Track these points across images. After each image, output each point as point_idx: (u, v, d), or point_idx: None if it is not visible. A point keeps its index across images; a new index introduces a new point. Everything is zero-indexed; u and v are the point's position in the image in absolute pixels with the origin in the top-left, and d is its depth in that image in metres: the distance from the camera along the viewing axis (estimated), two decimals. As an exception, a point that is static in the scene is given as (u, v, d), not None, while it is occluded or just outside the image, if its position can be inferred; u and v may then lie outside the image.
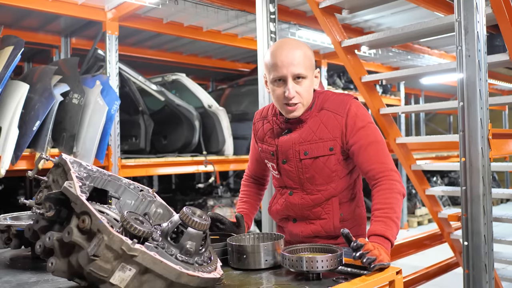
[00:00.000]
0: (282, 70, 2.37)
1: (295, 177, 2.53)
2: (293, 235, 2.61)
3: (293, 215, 2.61)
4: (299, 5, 6.68)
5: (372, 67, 10.34)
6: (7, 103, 5.12)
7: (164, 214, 2.21)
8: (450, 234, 4.79)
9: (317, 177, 2.47)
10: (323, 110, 2.46)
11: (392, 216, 2.21)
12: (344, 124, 2.40)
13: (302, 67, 2.37)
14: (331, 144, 2.42)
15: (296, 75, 2.37)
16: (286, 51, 2.39)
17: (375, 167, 2.35)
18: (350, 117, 2.40)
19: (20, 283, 1.89)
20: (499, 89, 12.93)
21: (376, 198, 2.30)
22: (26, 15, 6.70)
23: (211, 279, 1.68)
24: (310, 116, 2.48)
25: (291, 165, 2.51)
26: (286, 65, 2.36)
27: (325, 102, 2.49)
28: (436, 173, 13.98)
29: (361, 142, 2.38)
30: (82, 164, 2.11)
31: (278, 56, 2.39)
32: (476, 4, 3.04)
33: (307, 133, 2.46)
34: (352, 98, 2.49)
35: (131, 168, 6.48)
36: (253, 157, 2.87)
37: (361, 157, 2.38)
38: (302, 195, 2.54)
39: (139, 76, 6.99)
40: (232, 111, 8.25)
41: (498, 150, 3.26)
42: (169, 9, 6.35)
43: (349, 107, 2.43)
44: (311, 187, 2.50)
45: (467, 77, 3.08)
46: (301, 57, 2.38)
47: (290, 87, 2.37)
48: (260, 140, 2.69)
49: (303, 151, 2.45)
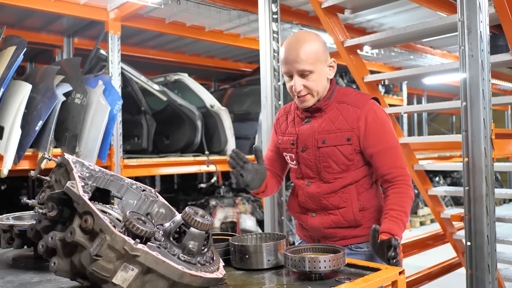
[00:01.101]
0: (287, 67, 2.49)
1: (313, 166, 2.58)
2: (314, 229, 2.62)
3: (311, 207, 2.62)
4: (302, 5, 6.68)
5: (374, 67, 10.33)
6: (9, 103, 5.12)
7: (166, 214, 2.21)
8: (453, 234, 4.78)
9: (334, 166, 2.52)
10: (343, 104, 2.54)
11: (404, 220, 2.36)
12: (364, 119, 2.47)
13: (306, 63, 2.43)
14: (348, 134, 2.48)
15: (300, 71, 2.45)
16: (293, 48, 2.47)
17: (393, 171, 2.46)
18: (370, 116, 2.48)
19: (22, 283, 1.89)
20: (502, 89, 12.92)
21: (391, 198, 2.43)
22: (28, 15, 6.71)
23: (213, 279, 1.68)
24: (330, 107, 2.56)
25: (309, 153, 2.57)
26: (291, 62, 2.46)
27: (346, 96, 2.57)
28: (438, 173, 13.97)
29: (381, 146, 2.47)
30: (85, 164, 2.11)
31: (286, 51, 2.49)
32: (479, 3, 3.04)
33: (326, 123, 2.53)
34: (372, 98, 2.57)
35: (134, 168, 6.48)
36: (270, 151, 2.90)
37: (379, 161, 2.49)
38: (319, 184, 2.58)
39: (142, 76, 6.99)
40: (234, 111, 8.25)
41: (501, 150, 3.25)
42: (171, 9, 6.36)
43: (370, 105, 2.51)
44: (328, 175, 2.55)
45: (470, 77, 3.07)
46: (306, 53, 2.44)
47: (296, 82, 2.47)
48: (282, 133, 2.75)
49: (321, 140, 2.52)
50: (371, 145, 2.47)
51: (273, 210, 4.48)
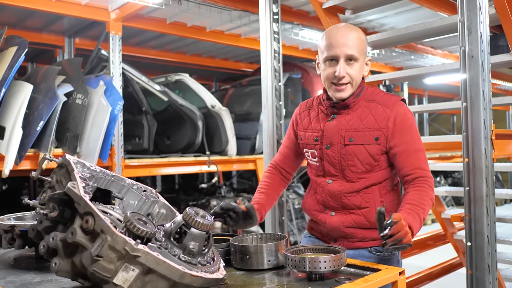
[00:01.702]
0: (335, 50, 2.41)
1: (336, 163, 2.51)
2: (334, 229, 2.54)
3: (331, 205, 2.55)
4: (302, 5, 6.68)
5: (375, 67, 10.33)
6: (11, 103, 5.13)
7: (167, 214, 2.22)
8: (454, 235, 4.79)
9: (359, 165, 2.47)
10: (373, 103, 2.49)
11: (420, 214, 2.23)
12: (393, 119, 2.42)
13: (355, 49, 2.41)
14: (377, 134, 2.43)
15: (348, 56, 2.41)
16: (342, 31, 2.44)
17: (417, 171, 2.38)
18: (400, 116, 2.44)
19: (24, 283, 1.90)
20: (503, 89, 12.91)
21: (410, 194, 2.33)
22: (29, 15, 6.72)
23: (214, 280, 1.68)
24: (358, 105, 2.50)
25: (334, 150, 2.50)
26: (341, 45, 2.40)
27: (375, 95, 2.52)
28: (439, 173, 13.97)
29: (407, 147, 2.41)
30: (86, 165, 2.12)
31: (333, 35, 2.44)
32: (480, 4, 3.04)
33: (354, 121, 2.48)
34: (401, 99, 2.52)
35: (135, 168, 6.49)
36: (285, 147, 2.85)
37: (404, 161, 2.42)
38: (341, 183, 2.51)
39: (143, 76, 6.99)
40: (235, 111, 8.26)
41: (502, 151, 3.26)
42: (172, 9, 6.37)
43: (399, 105, 2.47)
44: (351, 174, 2.49)
45: (470, 78, 3.07)
46: (355, 40, 2.42)
47: (341, 66, 2.40)
48: (304, 129, 2.67)
49: (348, 138, 2.46)
50: (397, 145, 2.42)
51: (274, 210, 4.48)
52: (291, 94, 8.51)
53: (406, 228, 2.00)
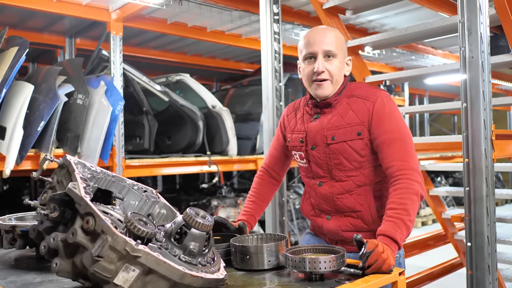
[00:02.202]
0: (313, 47, 2.45)
1: (323, 164, 2.50)
2: (332, 233, 2.54)
3: (325, 209, 2.54)
4: (303, 5, 6.68)
5: (376, 68, 10.33)
6: (12, 103, 5.13)
7: (167, 214, 2.22)
8: (454, 235, 4.79)
9: (345, 163, 2.44)
10: (353, 97, 2.48)
11: (405, 218, 2.17)
12: (372, 110, 2.39)
13: (333, 45, 2.44)
14: (359, 128, 2.40)
15: (326, 51, 2.44)
16: (319, 30, 2.52)
17: (396, 164, 2.30)
18: (377, 105, 2.39)
19: (24, 283, 1.90)
20: (504, 89, 12.90)
21: (391, 197, 2.25)
22: (30, 15, 6.72)
23: (214, 280, 1.69)
24: (339, 102, 2.49)
25: (319, 151, 2.49)
26: (318, 42, 2.45)
27: (356, 90, 2.51)
28: (440, 174, 13.97)
29: (385, 136, 2.35)
30: (86, 165, 2.12)
31: (311, 35, 2.50)
32: (480, 5, 3.04)
33: (335, 119, 2.46)
34: (383, 90, 2.50)
35: (135, 169, 6.49)
36: (273, 150, 2.87)
37: (384, 152, 2.35)
38: (331, 183, 2.50)
39: (143, 77, 7.00)
40: (236, 112, 8.26)
41: (502, 151, 3.26)
42: (173, 9, 6.37)
43: (379, 95, 2.43)
44: (339, 173, 2.46)
45: (470, 78, 3.07)
46: (333, 37, 2.46)
47: (319, 62, 2.43)
48: (291, 131, 2.67)
49: (331, 136, 2.44)
50: (376, 135, 2.37)
51: (275, 210, 4.49)
52: (291, 94, 8.51)
53: (383, 255, 1.95)
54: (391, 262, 1.98)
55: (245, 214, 2.73)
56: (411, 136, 2.41)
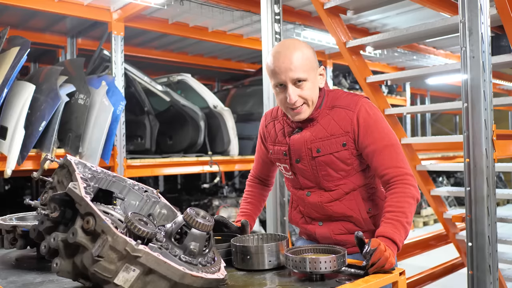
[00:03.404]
0: (280, 77, 2.33)
1: (310, 176, 2.47)
2: (325, 238, 2.52)
3: (316, 216, 2.53)
4: (304, 5, 6.68)
5: (377, 67, 10.32)
6: (13, 103, 5.14)
7: (168, 215, 2.22)
8: (456, 235, 4.78)
9: (333, 173, 2.41)
10: (334, 108, 2.41)
11: (403, 220, 2.20)
12: (356, 120, 2.35)
13: (300, 70, 2.31)
14: (343, 139, 2.36)
15: (295, 79, 2.32)
16: (283, 56, 2.33)
17: (390, 171, 2.32)
18: (362, 115, 2.35)
19: (25, 283, 1.90)
20: (505, 89, 12.89)
21: (388, 200, 2.28)
22: (32, 15, 6.72)
23: (214, 280, 1.69)
24: (321, 115, 2.43)
25: (304, 163, 2.45)
26: (284, 71, 2.31)
27: (336, 100, 2.44)
28: (442, 174, 13.95)
29: (375, 145, 2.34)
30: (87, 165, 2.12)
31: (275, 62, 2.34)
32: (481, 5, 3.04)
33: (318, 131, 2.41)
34: (363, 97, 2.44)
35: (137, 169, 6.49)
36: (259, 158, 2.84)
37: (375, 161, 2.35)
38: (320, 193, 2.47)
39: (145, 77, 7.00)
40: (237, 111, 8.26)
41: (503, 151, 3.26)
42: (174, 9, 6.37)
43: (361, 104, 2.38)
44: (328, 184, 2.44)
45: (471, 78, 3.08)
46: (298, 61, 2.31)
47: (290, 92, 2.32)
48: (272, 142, 2.62)
49: (315, 149, 2.40)
50: (365, 145, 2.35)
51: (276, 210, 4.49)
52: (292, 94, 8.49)
53: (386, 253, 1.97)
54: (393, 261, 2.00)
55: (244, 215, 2.72)
56: (397, 139, 2.42)
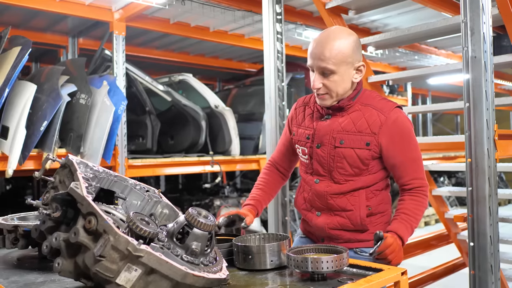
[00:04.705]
0: (311, 61, 2.43)
1: (325, 164, 2.51)
2: (319, 229, 2.58)
3: (317, 205, 2.57)
4: (306, 5, 6.68)
5: (379, 67, 10.32)
6: (14, 103, 5.14)
7: (170, 214, 2.22)
8: (457, 235, 4.78)
9: (347, 168, 2.47)
10: (368, 107, 2.47)
11: (414, 225, 2.42)
12: (389, 129, 2.42)
13: (330, 62, 2.36)
14: (368, 139, 2.42)
15: (321, 69, 2.39)
16: (319, 44, 2.40)
17: (415, 182, 2.47)
18: (396, 123, 2.43)
19: (27, 283, 1.90)
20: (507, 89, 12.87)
21: (407, 204, 2.46)
22: (33, 15, 6.73)
23: (216, 280, 1.69)
24: (352, 107, 2.49)
25: (324, 150, 2.50)
26: (314, 58, 2.40)
27: (371, 99, 2.50)
28: (443, 173, 13.94)
29: (405, 156, 2.46)
30: (89, 165, 2.12)
31: (312, 47, 2.43)
32: (482, 5, 3.03)
33: (347, 124, 2.46)
34: (397, 105, 2.51)
35: (138, 168, 6.49)
36: (281, 144, 2.86)
37: (403, 170, 2.48)
38: (328, 183, 2.52)
39: (146, 77, 7.00)
40: (238, 111, 8.26)
41: (504, 151, 3.25)
42: (176, 9, 6.37)
43: (397, 111, 2.46)
44: (339, 176, 2.49)
45: (473, 78, 3.07)
46: (331, 51, 2.36)
47: (315, 78, 2.43)
48: (298, 124, 2.68)
49: (339, 140, 2.45)
50: (395, 156, 2.44)
51: (277, 210, 4.49)
52: (294, 94, 8.50)
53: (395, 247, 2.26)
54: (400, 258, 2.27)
55: (253, 199, 2.73)
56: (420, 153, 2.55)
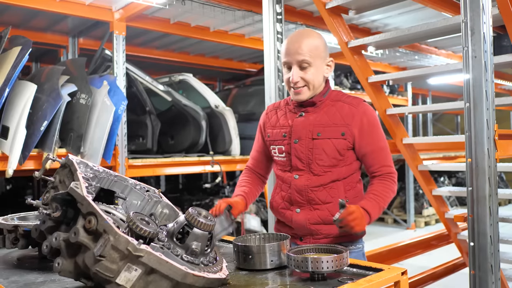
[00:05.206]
0: (288, 57, 2.60)
1: (304, 157, 2.62)
2: (299, 226, 2.63)
3: (297, 202, 2.64)
4: (306, 5, 6.68)
5: (379, 67, 10.32)
6: (15, 103, 5.14)
7: (170, 214, 2.22)
8: (457, 235, 4.77)
9: (325, 159, 2.59)
10: (339, 102, 2.65)
11: (381, 204, 2.53)
12: (359, 117, 2.59)
13: (307, 55, 2.55)
14: (343, 129, 2.58)
15: (300, 62, 2.57)
16: (295, 39, 2.60)
17: (383, 169, 2.63)
18: (366, 116, 2.61)
19: (27, 283, 1.90)
20: (507, 89, 12.87)
21: (376, 185, 2.60)
22: (34, 15, 6.73)
23: (216, 280, 1.69)
24: (324, 104, 2.66)
25: (302, 144, 2.62)
26: (292, 53, 2.57)
27: (340, 96, 2.69)
28: (443, 173, 13.94)
29: (374, 146, 2.62)
30: (89, 165, 2.12)
31: (287, 44, 2.61)
32: (483, 5, 3.03)
33: (321, 117, 2.62)
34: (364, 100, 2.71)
35: (138, 168, 6.49)
36: (256, 152, 2.98)
37: (372, 159, 2.63)
38: (308, 177, 2.63)
39: (146, 76, 7.00)
40: (239, 111, 8.26)
41: (504, 151, 3.25)
42: (176, 9, 6.37)
43: (364, 105, 2.65)
44: (318, 168, 2.60)
45: (473, 78, 3.07)
46: (307, 46, 2.56)
47: (294, 72, 2.59)
48: (272, 126, 2.81)
49: (316, 132, 2.60)
50: (365, 145, 2.60)
51: (277, 210, 4.48)
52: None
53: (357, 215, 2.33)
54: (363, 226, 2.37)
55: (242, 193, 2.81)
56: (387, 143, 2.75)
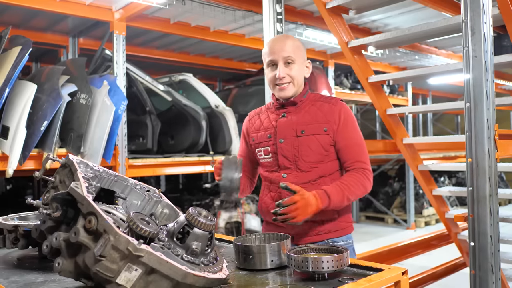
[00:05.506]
0: (274, 55, 2.73)
1: (290, 155, 2.72)
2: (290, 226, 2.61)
3: None
4: (306, 5, 6.68)
5: (379, 67, 10.32)
6: (15, 103, 5.14)
7: (170, 214, 2.22)
8: (457, 235, 4.77)
9: (311, 154, 2.68)
10: (318, 101, 2.78)
11: (346, 193, 2.56)
12: (338, 114, 2.70)
13: (291, 52, 2.71)
14: (325, 125, 2.69)
15: (285, 58, 2.71)
16: (278, 41, 2.78)
17: (358, 165, 2.68)
18: (343, 113, 2.71)
19: (27, 283, 1.90)
20: (507, 89, 12.87)
21: (348, 175, 2.65)
22: (34, 15, 6.73)
23: (216, 280, 1.68)
24: (304, 104, 2.78)
25: (287, 143, 2.72)
26: (277, 50, 2.72)
27: (319, 97, 2.82)
28: (443, 173, 13.94)
29: (350, 141, 2.70)
30: (89, 165, 2.12)
31: (271, 44, 2.78)
32: (483, 5, 3.03)
33: (303, 116, 2.73)
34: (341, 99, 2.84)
35: (138, 168, 6.49)
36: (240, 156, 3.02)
37: (347, 153, 2.70)
38: (296, 174, 2.71)
39: (146, 76, 7.01)
40: (239, 111, 8.25)
41: (505, 151, 3.25)
42: (176, 9, 6.37)
43: (342, 104, 2.77)
44: (304, 164, 2.69)
45: (474, 78, 3.07)
46: (290, 45, 2.73)
47: (280, 69, 2.71)
48: (256, 130, 2.91)
49: (300, 130, 2.70)
50: (340, 139, 2.69)
51: (277, 210, 4.48)
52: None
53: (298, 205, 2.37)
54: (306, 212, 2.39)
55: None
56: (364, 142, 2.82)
